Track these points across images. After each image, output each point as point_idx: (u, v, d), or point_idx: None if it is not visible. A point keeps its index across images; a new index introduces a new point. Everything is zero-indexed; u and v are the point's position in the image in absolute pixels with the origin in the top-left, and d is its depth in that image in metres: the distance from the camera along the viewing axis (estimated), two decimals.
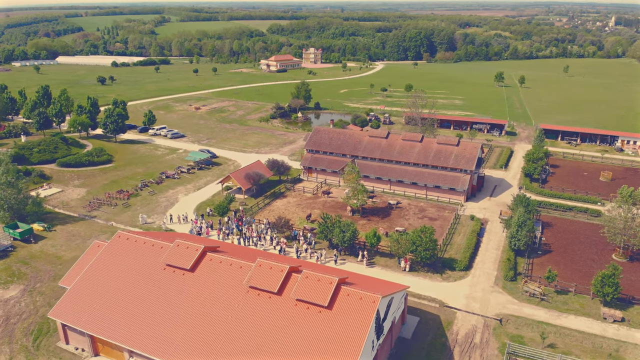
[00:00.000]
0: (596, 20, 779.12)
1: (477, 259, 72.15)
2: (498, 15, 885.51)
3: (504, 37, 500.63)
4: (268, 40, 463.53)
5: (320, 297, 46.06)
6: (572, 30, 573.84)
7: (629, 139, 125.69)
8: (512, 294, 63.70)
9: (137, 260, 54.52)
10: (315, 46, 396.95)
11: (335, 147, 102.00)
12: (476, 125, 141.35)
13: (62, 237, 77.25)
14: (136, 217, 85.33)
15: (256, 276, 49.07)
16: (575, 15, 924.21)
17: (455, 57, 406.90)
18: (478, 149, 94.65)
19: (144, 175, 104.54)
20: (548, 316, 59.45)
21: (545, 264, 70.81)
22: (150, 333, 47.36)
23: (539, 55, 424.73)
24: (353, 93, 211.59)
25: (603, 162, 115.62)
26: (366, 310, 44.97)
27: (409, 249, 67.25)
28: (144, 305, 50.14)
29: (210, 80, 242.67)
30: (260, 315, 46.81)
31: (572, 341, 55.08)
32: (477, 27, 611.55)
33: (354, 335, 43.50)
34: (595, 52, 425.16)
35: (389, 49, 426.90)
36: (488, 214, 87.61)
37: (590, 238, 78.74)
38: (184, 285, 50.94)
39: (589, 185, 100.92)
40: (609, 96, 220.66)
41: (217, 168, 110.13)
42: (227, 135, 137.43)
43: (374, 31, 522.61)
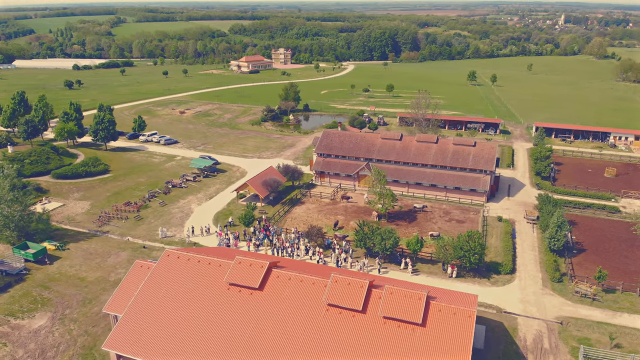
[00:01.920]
0: (546, 19, 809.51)
1: (518, 261, 71.63)
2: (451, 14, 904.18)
3: (464, 37, 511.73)
4: (231, 40, 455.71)
5: (411, 313, 43.80)
6: (526, 29, 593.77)
7: (621, 135, 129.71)
8: (564, 296, 63.43)
9: (195, 280, 50.55)
10: (281, 46, 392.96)
11: (347, 151, 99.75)
12: (470, 125, 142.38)
13: (78, 256, 71.52)
14: (152, 230, 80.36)
15: (335, 293, 46.28)
16: (525, 14, 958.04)
17: (420, 57, 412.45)
18: (496, 149, 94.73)
19: (147, 185, 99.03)
20: (604, 316, 59.46)
21: (583, 264, 71.23)
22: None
23: (500, 54, 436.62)
24: (334, 94, 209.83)
25: (602, 158, 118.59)
26: (464, 326, 43.04)
27: (457, 254, 65.89)
28: (211, 329, 46.38)
29: (184, 83, 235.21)
30: (345, 336, 44.09)
31: (635, 340, 55.14)
32: (435, 26, 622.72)
33: (456, 353, 41.47)
34: (553, 50, 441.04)
35: (354, 49, 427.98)
36: (512, 214, 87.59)
37: (616, 235, 79.85)
38: (253, 306, 47.48)
39: (596, 181, 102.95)
40: (578, 93, 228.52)
41: (223, 175, 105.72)
42: (221, 140, 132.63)
43: (337, 31, 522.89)
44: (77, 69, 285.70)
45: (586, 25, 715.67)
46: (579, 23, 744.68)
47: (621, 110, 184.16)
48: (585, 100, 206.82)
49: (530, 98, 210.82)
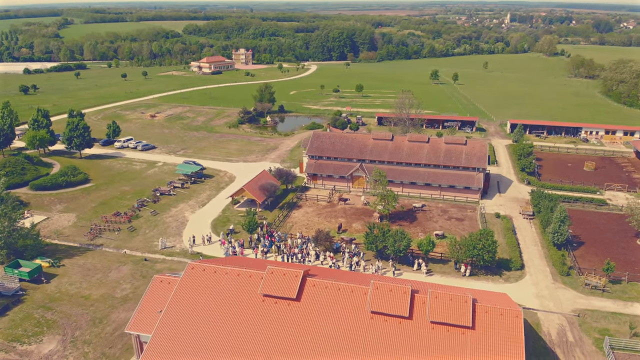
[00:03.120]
0: (492, 18, 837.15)
1: (524, 256, 73.01)
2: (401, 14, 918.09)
3: (418, 37, 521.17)
4: (186, 41, 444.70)
5: (460, 317, 43.50)
6: (476, 28, 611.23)
7: (592, 130, 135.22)
8: (575, 289, 65.09)
9: (226, 293, 48.38)
10: (237, 47, 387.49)
11: (339, 152, 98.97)
12: (447, 123, 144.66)
13: (76, 273, 67.35)
14: (149, 241, 76.89)
15: (378, 300, 45.40)
16: (472, 13, 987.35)
17: (378, 57, 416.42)
18: (487, 147, 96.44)
19: (133, 194, 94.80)
20: (616, 307, 61.44)
21: (585, 256, 73.45)
22: None
23: (454, 53, 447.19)
24: (304, 95, 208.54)
25: (578, 152, 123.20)
26: (513, 327, 43.14)
27: (471, 253, 66.38)
28: (249, 345, 44.49)
29: (145, 85, 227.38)
30: (393, 343, 43.30)
31: None
32: (389, 26, 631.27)
33: (509, 355, 41.47)
34: (504, 48, 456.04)
35: (313, 49, 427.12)
36: (507, 210, 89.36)
37: (609, 227, 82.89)
38: (292, 318, 45.89)
39: (577, 175, 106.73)
40: (536, 90, 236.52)
41: (211, 181, 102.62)
42: (201, 144, 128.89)
43: (294, 31, 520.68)
44: (28, 73, 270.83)
45: (531, 24, 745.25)
46: (524, 21, 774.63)
47: (583, 106, 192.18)
48: (545, 97, 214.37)
49: (493, 95, 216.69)
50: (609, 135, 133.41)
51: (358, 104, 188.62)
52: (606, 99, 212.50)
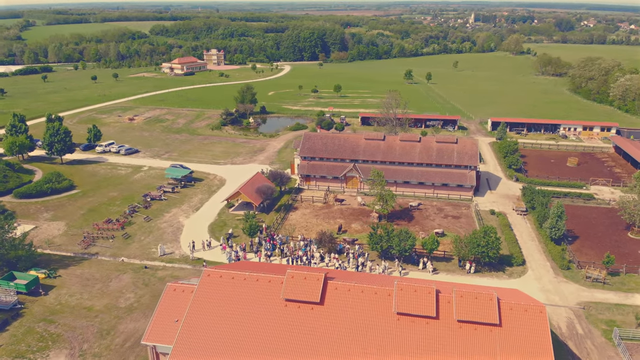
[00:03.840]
0: (457, 18, 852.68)
1: (524, 252, 74.30)
2: (368, 14, 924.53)
3: (387, 36, 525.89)
4: (154, 42, 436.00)
5: (487, 315, 43.81)
6: (442, 28, 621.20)
7: (569, 126, 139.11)
8: (577, 282, 66.69)
9: (246, 299, 47.37)
10: (207, 47, 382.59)
11: (332, 153, 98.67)
12: (430, 122, 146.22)
13: (75, 283, 64.91)
14: (146, 248, 74.87)
15: (403, 301, 45.29)
16: (437, 13, 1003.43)
17: (349, 57, 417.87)
18: (477, 145, 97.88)
19: (122, 200, 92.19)
20: (618, 298, 63.24)
21: (581, 250, 75.38)
22: None
23: (424, 53, 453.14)
24: (282, 95, 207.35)
25: (559, 149, 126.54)
26: (538, 323, 43.69)
27: (476, 250, 67.12)
28: (275, 351, 43.71)
29: (117, 88, 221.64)
30: (422, 343, 43.27)
31: None
32: (358, 27, 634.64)
33: (538, 350, 42.01)
34: (471, 47, 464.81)
35: (284, 49, 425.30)
36: (500, 207, 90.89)
37: (599, 221, 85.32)
38: (317, 322, 45.31)
39: (561, 171, 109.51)
40: (507, 88, 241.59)
41: (201, 184, 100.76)
42: (185, 147, 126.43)
43: (263, 32, 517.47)
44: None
45: (495, 23, 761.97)
46: (488, 21, 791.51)
47: (554, 103, 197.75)
48: (516, 95, 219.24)
49: (466, 94, 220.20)
50: (586, 132, 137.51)
51: (337, 104, 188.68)
52: (575, 96, 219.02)
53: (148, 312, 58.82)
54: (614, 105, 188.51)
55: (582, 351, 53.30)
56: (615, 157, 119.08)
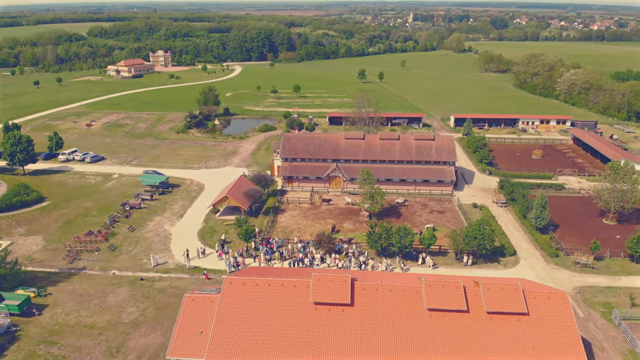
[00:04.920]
0: (397, 18, 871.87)
1: (513, 242, 77.15)
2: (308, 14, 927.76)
3: (332, 36, 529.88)
4: (93, 44, 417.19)
5: (515, 305, 45.34)
6: (384, 28, 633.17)
7: (527, 120, 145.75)
8: (567, 268, 70.16)
9: (274, 305, 46.56)
10: (151, 48, 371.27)
11: (313, 153, 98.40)
12: (395, 120, 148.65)
13: (69, 301, 61.25)
14: (136, 260, 71.83)
15: (433, 297, 46.05)
16: (377, 13, 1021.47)
17: (298, 57, 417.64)
18: (454, 141, 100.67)
19: (99, 210, 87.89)
20: (608, 281, 67.15)
21: (564, 237, 79.21)
22: None
23: (370, 52, 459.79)
24: (241, 96, 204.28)
25: (522, 142, 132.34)
26: (562, 309, 45.72)
27: (473, 243, 69.05)
28: (311, 354, 43.29)
29: (64, 92, 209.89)
30: (455, 336, 44.20)
31: None
32: (301, 27, 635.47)
33: (565, 336, 43.88)
34: (415, 46, 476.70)
35: (231, 49, 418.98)
36: (480, 200, 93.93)
37: (574, 209, 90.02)
38: (349, 323, 45.25)
39: (528, 163, 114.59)
40: (455, 85, 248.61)
41: (179, 190, 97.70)
42: (153, 152, 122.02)
43: (207, 32, 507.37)
44: None
45: (433, 22, 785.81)
46: (426, 20, 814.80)
47: (503, 99, 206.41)
48: (466, 92, 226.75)
49: (419, 92, 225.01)
50: (544, 125, 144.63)
51: (299, 104, 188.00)
52: (521, 91, 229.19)
53: (156, 325, 56.56)
54: (560, 99, 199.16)
55: (587, 333, 56.04)
56: (575, 148, 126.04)
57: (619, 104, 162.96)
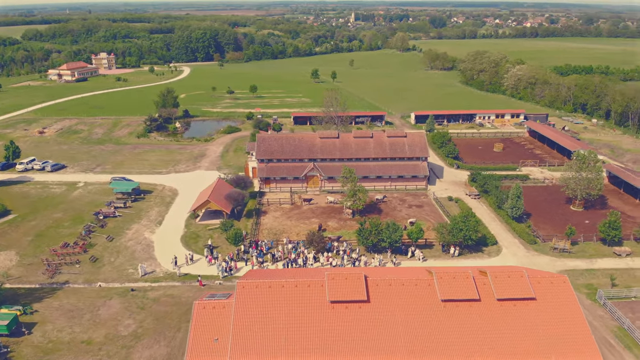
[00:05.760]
0: (338, 17, 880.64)
1: (492, 232, 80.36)
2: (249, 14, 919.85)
3: (278, 36, 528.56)
4: (28, 47, 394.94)
5: (523, 290, 47.26)
6: (328, 27, 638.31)
7: (484, 115, 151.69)
8: (546, 254, 73.98)
9: (291, 307, 46.25)
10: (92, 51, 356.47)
11: (289, 153, 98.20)
12: (359, 119, 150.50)
13: (59, 317, 58.26)
14: (121, 270, 69.32)
15: (446, 288, 47.29)
16: (319, 13, 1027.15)
17: (245, 57, 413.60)
18: (425, 137, 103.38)
19: (71, 221, 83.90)
20: (585, 264, 71.45)
21: (537, 225, 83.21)
22: None
23: (317, 52, 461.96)
24: (196, 97, 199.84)
25: (482, 136, 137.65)
26: (566, 292, 48.11)
27: (460, 235, 71.40)
28: (336, 352, 43.50)
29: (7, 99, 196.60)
30: (470, 325, 45.63)
31: (622, 276, 67.36)
32: (245, 26, 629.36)
33: (571, 317, 46.35)
34: (360, 45, 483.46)
35: (175, 50, 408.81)
36: (453, 193, 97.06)
37: (543, 198, 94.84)
38: (368, 319, 45.68)
39: (490, 156, 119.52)
40: (405, 83, 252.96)
41: (152, 197, 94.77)
42: (117, 159, 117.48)
43: (148, 33, 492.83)
44: None
45: (374, 22, 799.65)
46: (367, 20, 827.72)
47: (453, 95, 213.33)
48: (417, 89, 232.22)
49: (374, 91, 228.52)
50: (499, 119, 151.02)
51: (257, 104, 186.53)
52: (468, 88, 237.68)
53: (158, 336, 54.92)
54: (507, 94, 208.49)
55: None
56: (532, 140, 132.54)
57: (565, 97, 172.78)
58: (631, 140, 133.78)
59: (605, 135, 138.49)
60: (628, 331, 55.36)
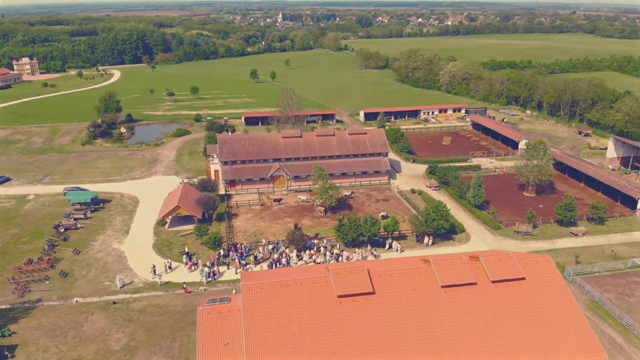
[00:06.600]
0: (266, 17, 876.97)
1: (458, 220, 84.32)
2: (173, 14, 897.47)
3: (208, 37, 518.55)
4: None
5: (514, 271, 50.38)
6: (259, 27, 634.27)
7: (428, 111, 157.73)
8: (511, 238, 78.87)
9: (299, 304, 46.67)
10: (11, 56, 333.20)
11: (253, 154, 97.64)
12: (311, 118, 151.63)
13: (41, 337, 54.94)
14: (96, 283, 66.42)
15: (445, 275, 49.56)
16: (245, 13, 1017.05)
17: (176, 58, 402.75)
18: (384, 133, 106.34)
19: (29, 236, 78.96)
20: (548, 245, 76.96)
21: (498, 211, 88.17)
22: None
23: (250, 52, 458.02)
24: (134, 101, 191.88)
25: (429, 131, 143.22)
26: (551, 271, 51.69)
27: (433, 224, 74.48)
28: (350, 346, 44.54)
29: None
30: (470, 307, 48.17)
31: (583, 253, 73.19)
32: (172, 27, 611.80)
33: (559, 293, 50.12)
34: (293, 45, 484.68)
35: (101, 53, 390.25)
36: (414, 185, 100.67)
37: (496, 186, 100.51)
38: (376, 310, 47.05)
39: (441, 149, 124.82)
40: (343, 82, 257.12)
41: (112, 206, 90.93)
42: (64, 168, 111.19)
43: (69, 36, 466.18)
44: None
45: (302, 22, 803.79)
46: (295, 20, 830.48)
47: (392, 93, 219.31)
48: (356, 88, 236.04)
49: (315, 90, 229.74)
50: (442, 114, 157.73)
51: (201, 106, 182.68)
52: (404, 85, 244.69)
53: (154, 347, 53.36)
54: (442, 90, 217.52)
55: None
56: (476, 132, 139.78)
57: (498, 91, 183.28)
58: (565, 129, 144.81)
59: (540, 125, 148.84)
60: (599, 303, 60.46)
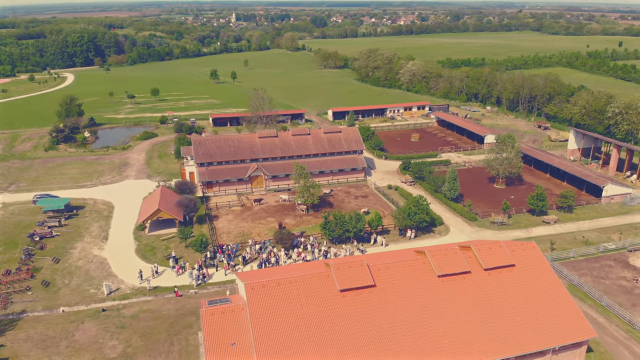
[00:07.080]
0: (219, 18, 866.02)
1: (436, 213, 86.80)
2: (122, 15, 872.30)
3: (161, 37, 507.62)
4: None
5: (504, 259, 52.99)
6: (213, 28, 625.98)
7: (393, 109, 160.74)
8: (488, 228, 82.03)
9: (303, 300, 47.48)
10: None
11: (230, 155, 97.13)
12: (280, 117, 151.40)
13: (32, 349, 53.16)
14: (81, 291, 64.76)
15: (440, 265, 51.43)
16: (197, 13, 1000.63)
17: (129, 60, 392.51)
18: (358, 131, 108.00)
19: (3, 246, 75.79)
20: (524, 233, 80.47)
21: (473, 203, 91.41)
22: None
23: (206, 52, 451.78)
24: (93, 105, 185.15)
25: (396, 128, 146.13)
26: (537, 256, 54.68)
27: (415, 218, 76.53)
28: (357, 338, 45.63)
29: None
30: (466, 294, 50.22)
31: (557, 240, 77.00)
32: (122, 28, 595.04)
33: (546, 276, 52.90)
34: (249, 46, 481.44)
35: (50, 56, 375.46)
36: (390, 181, 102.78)
37: (466, 179, 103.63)
38: (378, 302, 48.40)
39: (410, 146, 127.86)
40: (304, 82, 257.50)
41: (85, 212, 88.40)
42: (30, 175, 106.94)
43: (16, 39, 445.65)
44: None
45: (256, 22, 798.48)
46: (248, 20, 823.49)
47: (354, 92, 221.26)
48: (316, 87, 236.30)
49: (277, 90, 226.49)
50: (407, 112, 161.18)
51: (162, 108, 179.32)
52: (365, 84, 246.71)
53: (152, 352, 52.68)
54: (403, 89, 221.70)
55: None
56: (441, 129, 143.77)
57: (458, 88, 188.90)
58: (524, 123, 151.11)
59: (501, 120, 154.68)
60: (578, 286, 63.99)
